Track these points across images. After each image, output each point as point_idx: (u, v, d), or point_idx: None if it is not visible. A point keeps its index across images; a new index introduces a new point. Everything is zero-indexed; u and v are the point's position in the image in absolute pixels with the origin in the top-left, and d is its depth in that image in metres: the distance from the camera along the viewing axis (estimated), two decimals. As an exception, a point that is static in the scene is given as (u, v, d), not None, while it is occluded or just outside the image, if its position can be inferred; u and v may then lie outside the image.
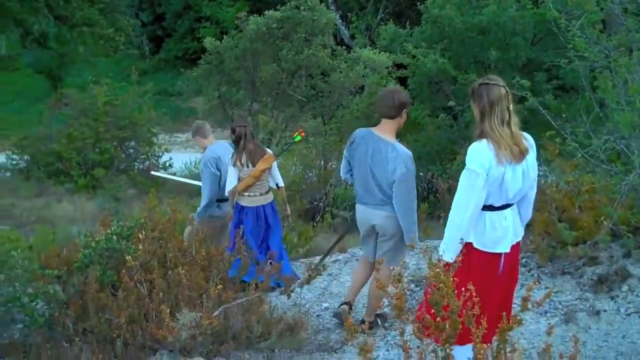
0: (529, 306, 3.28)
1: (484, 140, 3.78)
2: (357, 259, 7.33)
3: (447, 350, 3.14)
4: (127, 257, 4.71)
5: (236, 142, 6.87)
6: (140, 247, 4.93)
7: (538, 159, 4.21)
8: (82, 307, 4.54)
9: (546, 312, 5.50)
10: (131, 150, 18.72)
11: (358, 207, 5.46)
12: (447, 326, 3.15)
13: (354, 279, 5.82)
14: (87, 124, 17.82)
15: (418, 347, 3.25)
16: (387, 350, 5.15)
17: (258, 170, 6.76)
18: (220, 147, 7.24)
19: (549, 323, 5.22)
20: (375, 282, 3.41)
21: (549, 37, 13.65)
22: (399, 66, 16.74)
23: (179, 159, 19.22)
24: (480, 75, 13.21)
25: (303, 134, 9.06)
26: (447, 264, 3.78)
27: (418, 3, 15.80)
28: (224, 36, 19.05)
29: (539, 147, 4.39)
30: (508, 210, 3.97)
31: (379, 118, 5.32)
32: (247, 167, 6.78)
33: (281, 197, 7.43)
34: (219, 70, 18.97)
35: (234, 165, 6.80)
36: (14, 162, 18.34)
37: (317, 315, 6.00)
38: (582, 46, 6.84)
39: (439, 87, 14.69)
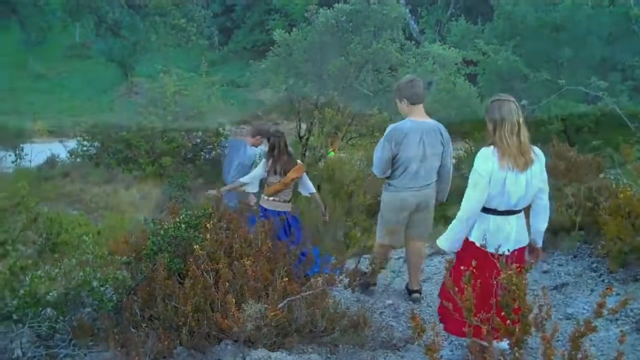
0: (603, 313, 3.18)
1: (491, 147, 4.26)
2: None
3: (517, 354, 3.08)
4: (194, 246, 4.75)
5: (270, 151, 7.15)
6: (208, 236, 4.97)
7: (612, 161, 4.22)
8: (149, 294, 4.60)
9: (617, 319, 5.34)
10: (198, 140, 18.90)
11: (401, 194, 5.85)
12: (517, 329, 3.10)
13: (416, 264, 6.19)
14: (155, 113, 18.08)
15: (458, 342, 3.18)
16: (451, 351, 5.08)
17: (289, 178, 7.05)
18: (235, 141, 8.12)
19: (620, 331, 5.06)
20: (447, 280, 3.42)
21: (626, 36, 13.27)
22: (468, 62, 16.53)
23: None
24: (553, 74, 13.03)
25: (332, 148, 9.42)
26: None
27: (490, -2, 15.55)
28: (293, 28, 19.10)
29: (614, 149, 4.35)
30: (513, 217, 4.35)
31: (407, 105, 5.77)
32: (280, 175, 7.04)
33: (316, 202, 7.64)
34: (287, 63, 19.04)
35: (268, 172, 7.08)
36: (85, 148, 18.72)
37: (380, 312, 5.95)
38: (664, 46, 6.63)
39: (509, 84, 14.44)
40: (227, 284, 4.51)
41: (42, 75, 36.50)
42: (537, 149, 4.32)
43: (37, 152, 19.21)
